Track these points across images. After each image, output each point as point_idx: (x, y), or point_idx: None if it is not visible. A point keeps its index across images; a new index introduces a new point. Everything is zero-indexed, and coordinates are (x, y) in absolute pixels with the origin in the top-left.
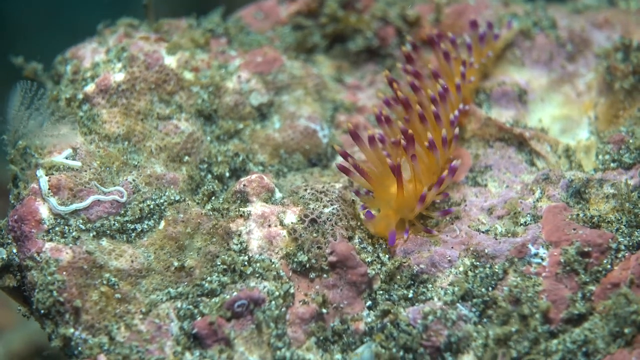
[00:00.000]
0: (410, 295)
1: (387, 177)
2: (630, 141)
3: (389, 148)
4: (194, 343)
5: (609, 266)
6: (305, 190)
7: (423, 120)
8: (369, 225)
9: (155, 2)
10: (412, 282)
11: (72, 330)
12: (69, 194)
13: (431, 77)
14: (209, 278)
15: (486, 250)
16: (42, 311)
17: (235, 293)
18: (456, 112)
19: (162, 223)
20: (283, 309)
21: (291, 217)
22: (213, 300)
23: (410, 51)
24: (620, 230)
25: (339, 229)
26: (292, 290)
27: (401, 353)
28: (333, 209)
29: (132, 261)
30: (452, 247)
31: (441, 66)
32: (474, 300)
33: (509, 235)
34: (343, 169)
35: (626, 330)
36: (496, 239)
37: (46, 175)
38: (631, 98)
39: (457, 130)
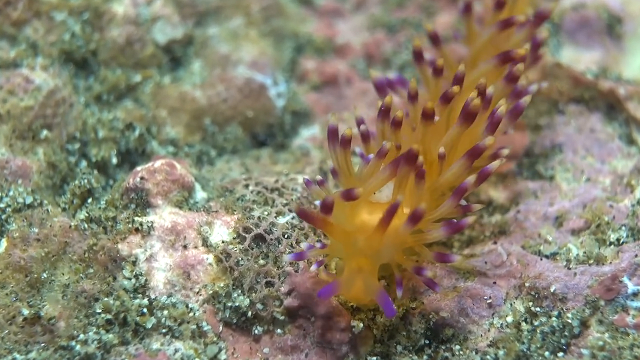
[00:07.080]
0: None
1: (356, 204)
2: None
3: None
4: None
5: None
6: (247, 186)
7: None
8: (343, 294)
9: None
10: (428, 342)
11: None
12: None
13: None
14: (82, 336)
15: (552, 288)
16: None
17: None
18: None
19: (3, 243)
20: None
21: (222, 231)
22: None
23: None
24: None
25: None
26: (222, 357)
27: None
28: (293, 217)
29: None
30: (495, 282)
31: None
32: None
33: (591, 261)
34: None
35: None
36: (569, 269)
37: None
38: None
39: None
